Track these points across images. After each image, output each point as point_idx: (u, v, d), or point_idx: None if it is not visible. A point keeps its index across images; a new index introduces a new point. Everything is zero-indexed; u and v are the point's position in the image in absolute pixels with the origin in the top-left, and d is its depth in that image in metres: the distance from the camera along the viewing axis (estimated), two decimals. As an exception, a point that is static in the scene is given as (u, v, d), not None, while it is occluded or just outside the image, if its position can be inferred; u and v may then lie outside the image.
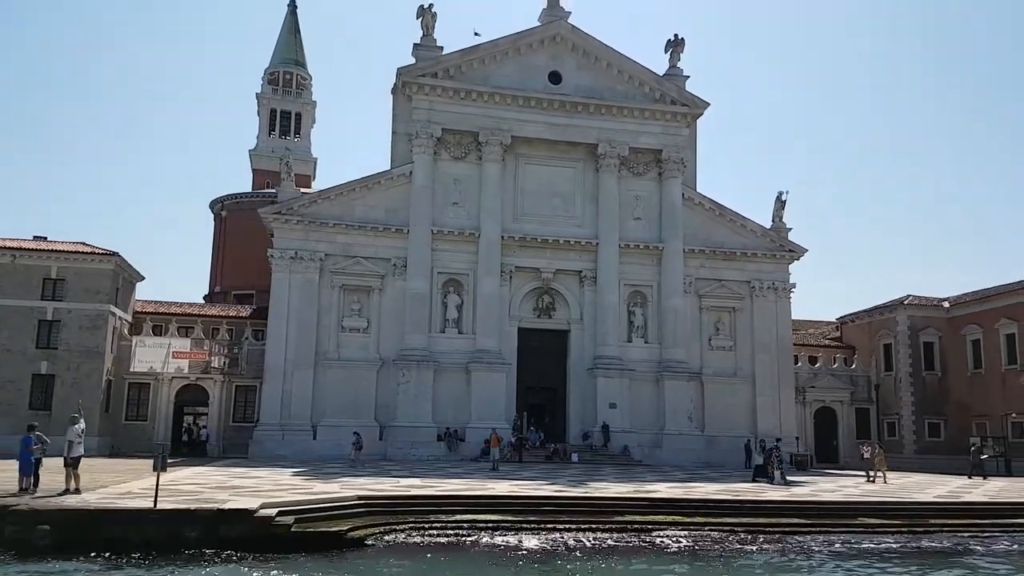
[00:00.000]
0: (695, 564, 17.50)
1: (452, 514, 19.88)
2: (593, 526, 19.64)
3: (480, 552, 17.59)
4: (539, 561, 16.96)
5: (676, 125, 51.45)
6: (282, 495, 20.06)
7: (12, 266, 43.99)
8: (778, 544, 19.75)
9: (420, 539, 18.33)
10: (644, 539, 19.43)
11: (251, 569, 15.24)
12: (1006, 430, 47.60)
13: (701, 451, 47.78)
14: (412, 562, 16.38)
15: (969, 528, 21.50)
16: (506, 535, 18.80)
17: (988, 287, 52.48)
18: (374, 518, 18.87)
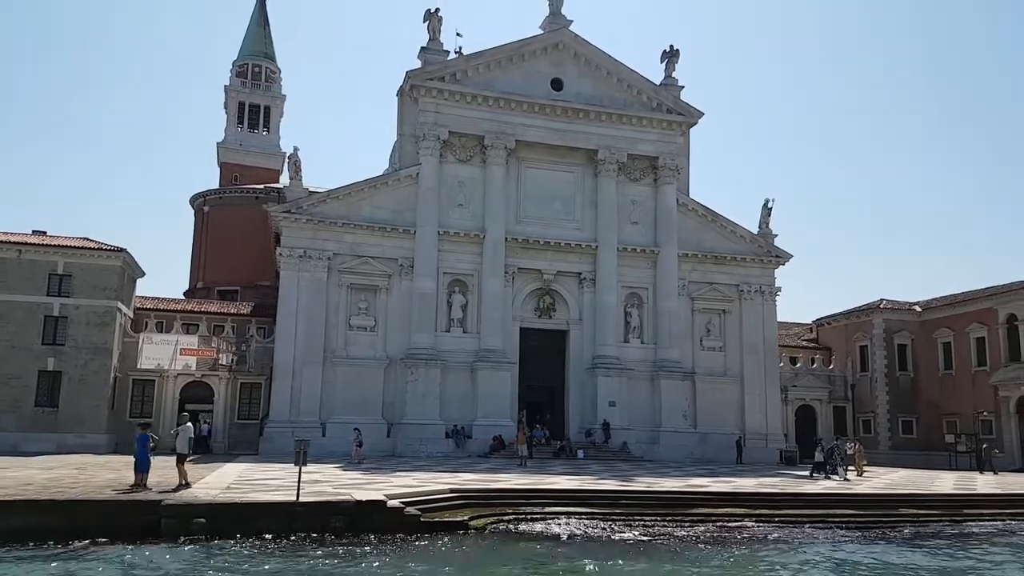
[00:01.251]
0: (800, 551, 19.01)
1: (541, 506, 21.11)
2: (675, 518, 21.11)
3: (591, 542, 18.82)
4: (651, 550, 18.25)
5: (672, 133, 53.38)
6: (366, 489, 20.88)
7: (18, 261, 43.49)
8: (856, 532, 21.53)
9: (527, 528, 19.52)
10: (731, 531, 20.85)
11: (408, 554, 16.25)
12: (977, 428, 50.80)
13: (694, 447, 49.81)
14: (537, 548, 17.56)
15: (1003, 515, 23.69)
16: (601, 526, 20.10)
17: (957, 292, 55.90)
18: (476, 509, 19.98)
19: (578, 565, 15.87)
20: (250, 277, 69.76)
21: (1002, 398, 49.69)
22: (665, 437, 49.44)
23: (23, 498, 16.70)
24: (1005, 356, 49.95)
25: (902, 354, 56.53)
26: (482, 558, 16.48)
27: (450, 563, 15.59)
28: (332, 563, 14.81)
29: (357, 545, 16.45)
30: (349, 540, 16.72)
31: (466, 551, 16.80)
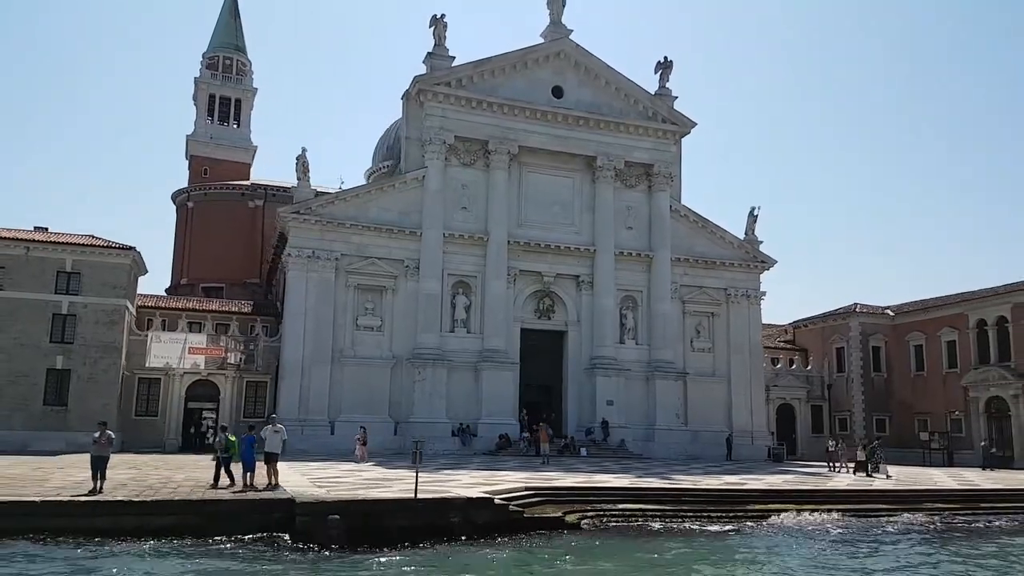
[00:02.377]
0: (866, 540, 20.81)
1: (614, 503, 22.51)
2: (737, 513, 22.76)
3: (685, 534, 20.28)
4: (754, 540, 19.79)
5: (666, 142, 55.27)
6: (431, 486, 21.93)
7: (25, 258, 43.15)
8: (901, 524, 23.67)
9: (614, 523, 20.91)
10: (799, 525, 22.60)
11: (524, 544, 17.50)
12: (948, 426, 53.95)
13: (687, 445, 51.81)
14: (637, 541, 18.98)
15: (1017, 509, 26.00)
16: (682, 522, 21.62)
17: (928, 298, 59.15)
18: (560, 506, 21.25)
19: (736, 554, 17.38)
20: (237, 274, 69.61)
21: (972, 398, 52.88)
22: (659, 435, 51.29)
23: (156, 499, 17.41)
24: (975, 359, 53.13)
25: (876, 356, 59.57)
26: (629, 552, 17.78)
27: (607, 557, 16.83)
28: (510, 554, 15.93)
29: (492, 539, 17.70)
30: (479, 535, 17.91)
31: (601, 545, 18.07)
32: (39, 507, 16.20)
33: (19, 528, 15.74)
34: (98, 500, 16.89)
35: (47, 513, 16.09)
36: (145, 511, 16.78)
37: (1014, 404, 50.14)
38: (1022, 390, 49.59)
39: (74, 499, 16.88)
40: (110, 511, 16.47)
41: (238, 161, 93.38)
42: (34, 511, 16.08)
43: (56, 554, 14.88)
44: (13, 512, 15.86)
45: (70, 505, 16.43)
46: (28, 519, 15.87)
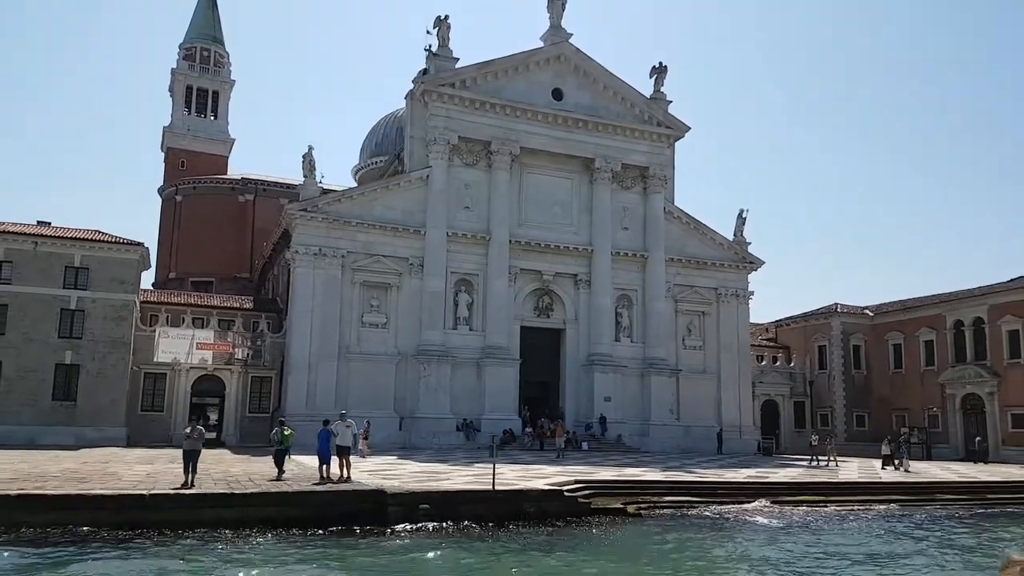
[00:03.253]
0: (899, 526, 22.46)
1: (659, 495, 23.77)
2: (774, 504, 24.23)
3: (741, 524, 21.63)
4: (806, 529, 21.26)
5: (661, 145, 56.79)
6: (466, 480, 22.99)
7: (34, 253, 43.05)
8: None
9: (666, 511, 22.16)
10: (828, 514, 24.16)
11: (599, 531, 18.67)
12: (926, 421, 56.44)
13: (679, 439, 53.42)
14: (702, 530, 20.27)
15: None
16: (732, 511, 22.98)
17: (906, 299, 61.67)
18: (611, 498, 22.42)
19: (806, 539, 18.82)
20: (226, 269, 69.51)
21: (948, 395, 55.41)
22: (654, 430, 52.85)
23: (260, 491, 18.15)
24: (952, 358, 55.66)
25: (856, 354, 61.95)
26: (706, 538, 19.14)
27: (696, 545, 18.10)
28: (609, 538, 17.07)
29: (569, 525, 18.85)
30: (553, 523, 19.02)
31: (679, 533, 19.34)
32: (148, 500, 16.84)
33: (125, 521, 16.39)
34: (208, 493, 17.59)
35: (156, 506, 16.75)
36: (248, 503, 17.52)
37: (989, 401, 52.71)
38: (997, 387, 52.15)
39: (183, 492, 17.56)
40: (217, 503, 17.19)
41: (215, 154, 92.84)
42: (145, 504, 16.72)
43: (174, 547, 15.59)
44: (129, 505, 16.48)
45: (181, 498, 17.11)
46: (140, 512, 16.51)
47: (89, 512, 16.07)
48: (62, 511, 15.90)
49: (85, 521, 16.01)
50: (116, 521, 16.17)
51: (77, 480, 19.84)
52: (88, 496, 16.48)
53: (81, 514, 16.00)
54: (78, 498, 16.28)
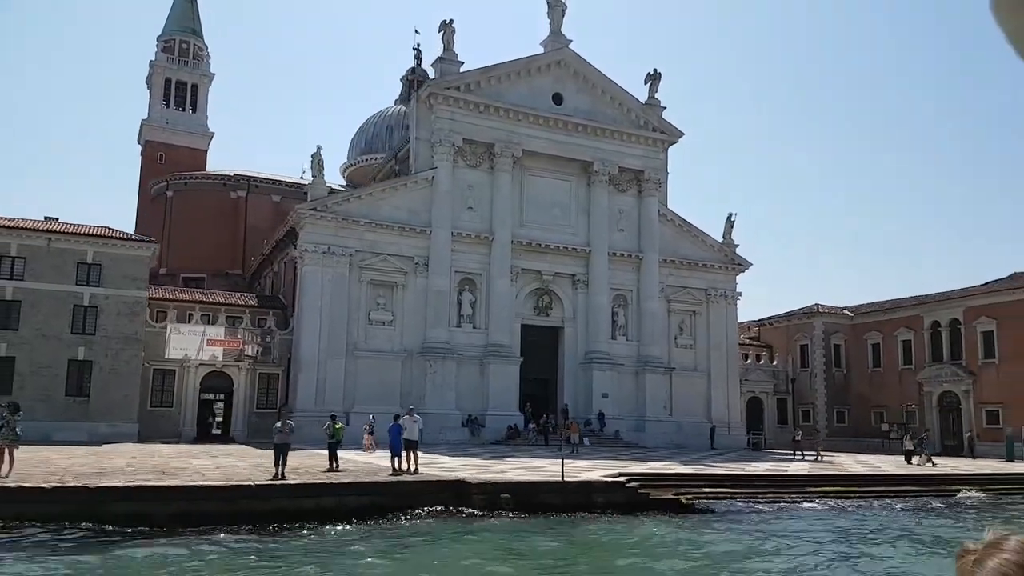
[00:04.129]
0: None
1: (699, 486, 25.29)
2: (804, 494, 25.97)
3: (801, 512, 23.31)
4: (846, 516, 22.99)
5: (655, 150, 58.57)
6: (511, 473, 24.37)
7: (47, 249, 43.15)
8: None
9: (710, 502, 23.70)
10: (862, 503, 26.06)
11: (657, 522, 20.15)
12: (904, 418, 59.12)
13: (673, 434, 55.30)
14: (755, 518, 21.88)
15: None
16: (772, 503, 24.69)
17: (884, 300, 64.43)
18: (661, 489, 23.87)
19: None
20: (218, 265, 69.59)
21: (926, 393, 58.16)
22: (649, 426, 54.63)
23: (355, 481, 19.25)
24: (929, 357, 58.41)
25: (837, 353, 64.54)
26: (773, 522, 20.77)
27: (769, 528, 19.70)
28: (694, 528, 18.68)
29: (635, 515, 20.31)
30: (618, 512, 20.44)
31: (702, 519, 20.92)
32: (256, 490, 17.81)
33: (237, 510, 17.36)
34: (309, 483, 18.62)
35: (264, 496, 17.73)
36: (345, 492, 18.61)
37: (964, 398, 55.51)
38: (972, 386, 54.95)
39: (287, 483, 18.55)
40: (317, 493, 18.24)
41: (194, 147, 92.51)
42: (253, 494, 17.68)
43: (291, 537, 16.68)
44: (240, 495, 17.43)
45: (286, 488, 18.13)
46: (249, 502, 17.48)
47: (204, 502, 17.00)
48: (180, 501, 16.80)
49: (200, 510, 16.94)
50: (230, 511, 17.13)
51: (159, 473, 20.66)
52: (202, 488, 17.38)
53: (197, 504, 16.92)
54: (195, 489, 17.17)
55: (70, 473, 19.48)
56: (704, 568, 14.96)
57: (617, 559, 15.66)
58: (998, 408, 52.85)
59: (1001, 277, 57.10)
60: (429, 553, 15.30)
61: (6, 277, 42.34)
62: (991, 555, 1.41)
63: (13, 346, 42.08)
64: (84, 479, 18.09)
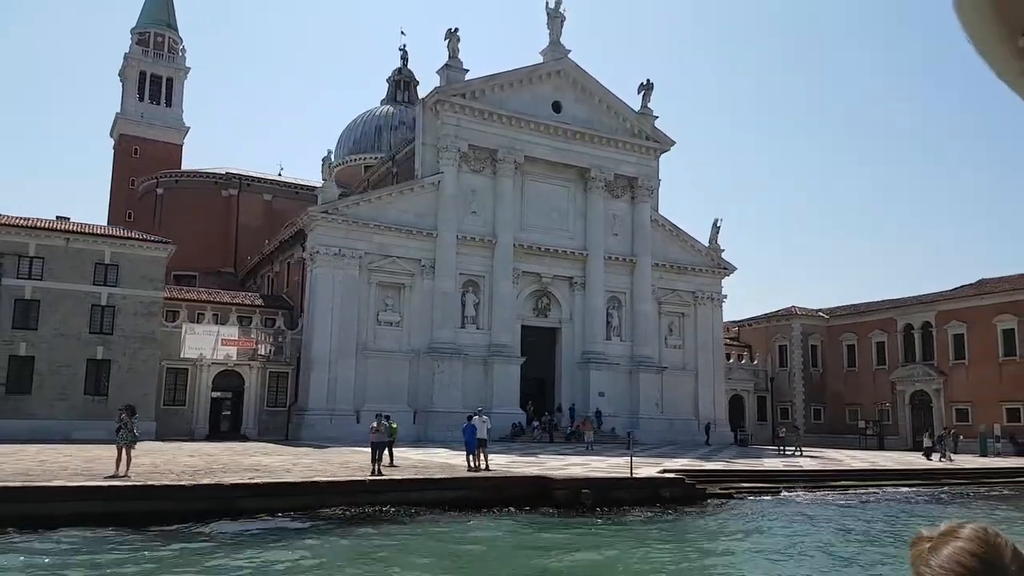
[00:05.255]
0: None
1: (737, 482, 27.39)
2: (833, 488, 28.39)
3: (836, 505, 25.57)
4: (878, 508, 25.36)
5: (648, 157, 60.82)
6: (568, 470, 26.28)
7: (65, 249, 43.58)
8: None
9: (752, 496, 25.84)
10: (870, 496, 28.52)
11: (710, 513, 22.18)
12: (877, 415, 62.46)
13: (664, 431, 57.60)
14: (796, 509, 24.05)
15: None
16: (810, 497, 26.96)
17: (859, 303, 67.82)
18: (714, 484, 25.93)
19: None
20: (210, 263, 69.79)
21: (899, 391, 61.57)
22: (643, 423, 56.78)
23: (453, 476, 20.82)
24: (902, 357, 61.81)
25: (814, 353, 67.73)
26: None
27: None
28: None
29: (699, 506, 22.33)
30: (681, 505, 22.42)
31: (754, 508, 23.03)
32: (369, 485, 19.29)
33: (352, 503, 18.83)
34: (414, 478, 20.15)
35: (376, 490, 19.22)
36: (444, 487, 20.20)
37: (936, 397, 58.98)
38: (943, 385, 58.43)
39: (395, 478, 20.02)
40: (421, 487, 19.78)
41: (169, 142, 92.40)
42: (366, 488, 19.15)
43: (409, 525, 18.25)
44: (354, 490, 18.87)
45: (394, 483, 19.63)
46: (362, 496, 18.93)
47: (328, 496, 18.42)
48: (306, 496, 18.20)
49: (320, 504, 18.38)
50: (347, 503, 18.59)
51: (243, 472, 21.93)
52: (324, 483, 18.80)
53: (321, 498, 18.34)
54: (319, 485, 18.59)
55: (143, 474, 20.55)
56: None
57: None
58: (967, 406, 56.34)
59: (969, 283, 60.68)
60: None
61: (25, 277, 42.63)
62: (946, 542, 1.43)
63: (32, 345, 42.45)
64: (180, 478, 19.32)
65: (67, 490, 16.57)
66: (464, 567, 14.91)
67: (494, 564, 15.00)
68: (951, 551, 1.40)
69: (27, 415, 41.45)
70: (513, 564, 15.03)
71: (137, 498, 16.79)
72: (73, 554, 14.23)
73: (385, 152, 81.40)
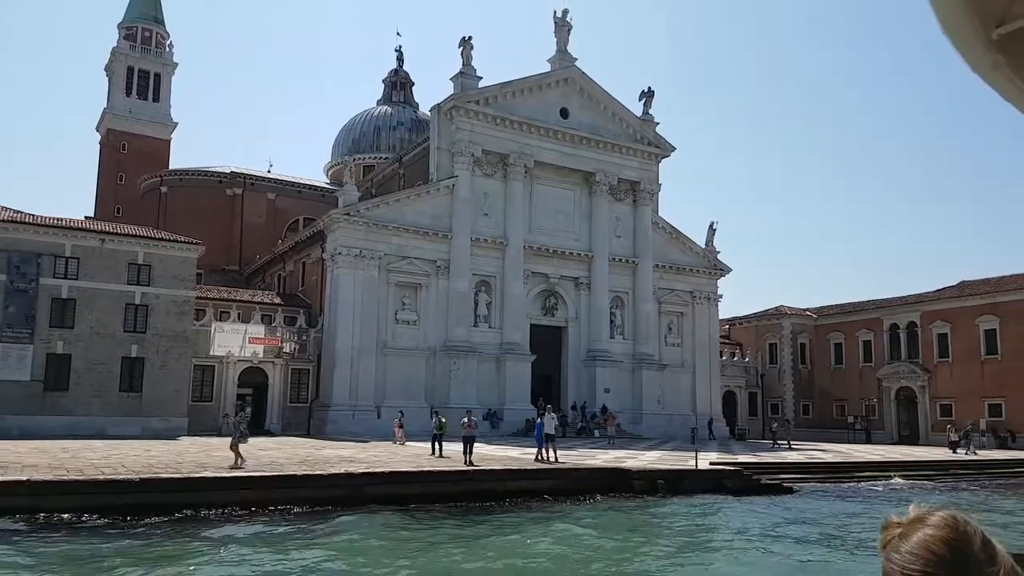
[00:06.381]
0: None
1: (777, 474, 29.72)
2: (864, 479, 30.94)
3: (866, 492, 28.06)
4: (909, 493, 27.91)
5: (650, 162, 63.23)
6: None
7: (100, 250, 44.62)
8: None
9: (798, 485, 28.21)
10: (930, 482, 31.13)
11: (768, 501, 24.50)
12: (864, 411, 65.69)
13: (664, 426, 60.10)
14: (841, 500, 26.48)
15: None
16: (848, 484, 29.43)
17: (845, 303, 71.02)
18: (762, 475, 28.16)
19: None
20: (214, 261, 70.42)
21: (885, 388, 64.83)
22: (646, 419, 59.30)
23: (532, 468, 22.76)
24: (888, 355, 65.08)
25: (803, 351, 70.81)
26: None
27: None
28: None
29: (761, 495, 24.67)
30: (743, 494, 24.68)
31: (807, 499, 25.43)
32: (473, 475, 21.19)
33: (454, 492, 20.72)
34: (512, 469, 22.12)
35: (478, 479, 21.14)
36: (535, 477, 22.21)
37: (921, 393, 62.30)
38: (928, 382, 61.75)
39: (493, 468, 21.95)
40: (515, 477, 21.79)
41: (157, 137, 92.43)
42: (470, 477, 21.04)
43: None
44: (456, 479, 20.75)
45: (493, 473, 21.61)
46: (465, 484, 20.81)
47: (437, 484, 20.29)
48: (421, 484, 20.03)
49: (434, 491, 20.24)
50: (450, 492, 20.48)
51: (324, 463, 23.65)
52: (437, 472, 20.66)
53: (432, 486, 20.20)
54: (433, 474, 20.45)
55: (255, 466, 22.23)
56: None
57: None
58: (951, 402, 59.69)
59: (951, 285, 64.11)
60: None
61: (61, 276, 43.62)
62: (916, 529, 1.44)
63: (69, 343, 43.45)
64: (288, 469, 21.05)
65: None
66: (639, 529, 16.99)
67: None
68: (921, 538, 1.42)
69: (65, 411, 42.52)
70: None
71: (281, 487, 18.53)
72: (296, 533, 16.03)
73: (385, 152, 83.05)
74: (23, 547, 14.58)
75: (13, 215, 44.11)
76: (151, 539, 15.62)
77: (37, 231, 43.30)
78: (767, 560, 15.50)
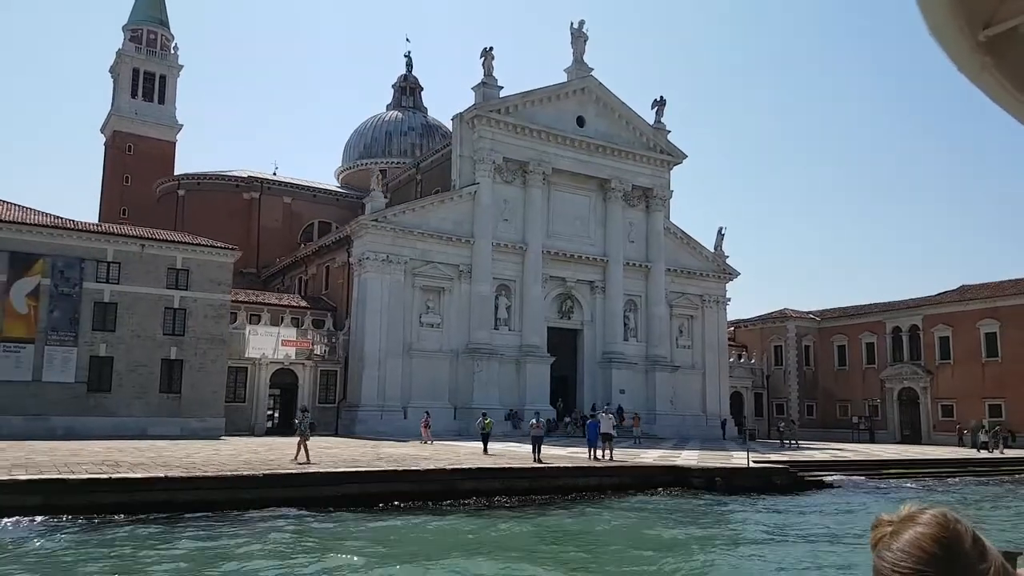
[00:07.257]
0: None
1: (811, 471, 31.50)
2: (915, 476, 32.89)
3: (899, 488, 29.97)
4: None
5: (662, 169, 65.08)
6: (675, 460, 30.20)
7: (140, 255, 45.91)
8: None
9: (839, 483, 30.04)
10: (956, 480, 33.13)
11: (803, 497, 26.33)
12: (867, 411, 67.83)
13: (677, 426, 61.98)
14: (867, 493, 28.29)
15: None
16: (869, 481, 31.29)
17: (848, 306, 73.14)
18: (807, 472, 29.96)
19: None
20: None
21: (888, 389, 67.01)
22: (659, 419, 61.10)
23: (603, 466, 24.42)
24: (890, 357, 67.25)
25: (807, 353, 72.91)
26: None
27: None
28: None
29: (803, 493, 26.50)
30: (788, 491, 26.47)
31: (840, 494, 27.28)
32: (548, 472, 22.83)
33: (532, 488, 22.33)
34: (584, 466, 23.77)
35: (554, 476, 22.79)
36: (602, 474, 23.91)
37: (923, 394, 64.50)
38: (930, 383, 63.94)
39: (565, 466, 23.56)
40: (586, 474, 23.46)
41: (162, 139, 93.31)
42: (545, 474, 22.67)
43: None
44: (531, 475, 22.37)
45: (567, 470, 23.25)
46: (542, 481, 22.43)
47: (518, 480, 21.90)
48: (498, 480, 21.64)
49: (517, 487, 21.86)
50: (529, 487, 22.11)
51: (394, 461, 25.17)
52: (518, 469, 22.29)
53: (513, 482, 21.82)
54: (514, 471, 22.08)
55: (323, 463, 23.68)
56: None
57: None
58: (952, 403, 61.91)
59: (952, 289, 66.35)
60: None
61: (103, 281, 44.87)
62: (906, 527, 1.44)
63: (111, 346, 44.72)
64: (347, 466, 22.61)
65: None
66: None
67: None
68: (912, 536, 1.43)
69: (107, 412, 43.79)
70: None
71: (380, 480, 20.11)
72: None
73: (396, 157, 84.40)
74: (215, 534, 16.23)
75: (56, 220, 45.33)
76: (313, 529, 17.24)
77: (80, 237, 44.53)
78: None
